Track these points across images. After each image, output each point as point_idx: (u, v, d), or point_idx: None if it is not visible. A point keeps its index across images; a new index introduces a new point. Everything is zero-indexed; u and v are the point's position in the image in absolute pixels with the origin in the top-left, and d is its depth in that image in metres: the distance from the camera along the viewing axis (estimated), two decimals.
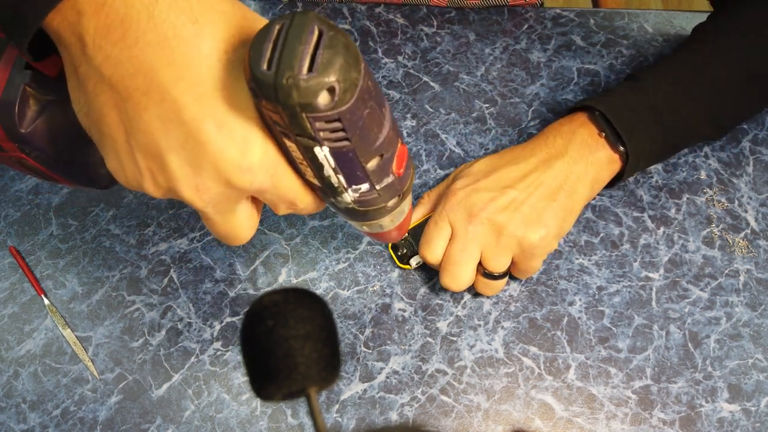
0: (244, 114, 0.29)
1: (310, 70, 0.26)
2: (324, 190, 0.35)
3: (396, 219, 0.40)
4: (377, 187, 0.35)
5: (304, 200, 0.35)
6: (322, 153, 0.30)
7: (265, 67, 0.26)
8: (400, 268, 0.57)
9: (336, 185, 0.34)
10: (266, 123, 0.30)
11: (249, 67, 0.27)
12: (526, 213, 0.50)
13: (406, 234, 0.53)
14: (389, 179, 0.35)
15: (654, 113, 0.53)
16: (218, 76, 0.29)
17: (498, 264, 0.51)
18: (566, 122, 0.54)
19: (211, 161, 0.29)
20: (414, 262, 0.56)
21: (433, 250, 0.51)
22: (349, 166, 0.32)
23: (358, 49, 0.30)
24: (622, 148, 0.53)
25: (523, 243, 0.50)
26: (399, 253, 0.56)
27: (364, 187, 0.35)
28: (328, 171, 0.32)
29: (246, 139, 0.30)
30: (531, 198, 0.50)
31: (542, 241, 0.50)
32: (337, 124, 0.29)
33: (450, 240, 0.51)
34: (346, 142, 0.30)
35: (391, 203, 0.37)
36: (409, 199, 0.41)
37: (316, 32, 0.27)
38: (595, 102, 0.54)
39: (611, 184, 0.56)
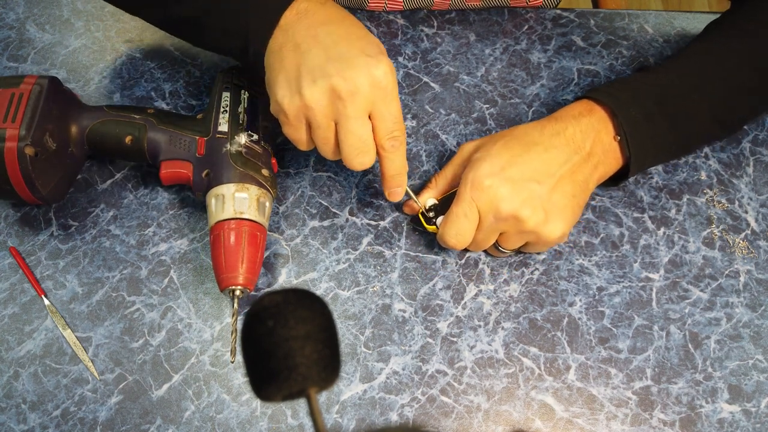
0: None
1: None
2: (229, 132, 0.54)
3: (260, 210, 0.53)
4: (262, 144, 0.56)
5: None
6: (245, 96, 0.57)
7: None
8: (427, 230, 0.56)
9: (240, 122, 0.55)
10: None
11: None
12: (549, 209, 0.51)
13: (436, 200, 0.57)
14: (269, 151, 0.56)
15: (663, 119, 0.54)
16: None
17: (513, 245, 0.54)
18: (585, 114, 0.54)
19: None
20: (440, 222, 0.55)
21: (464, 240, 0.52)
22: (252, 113, 0.57)
23: None
24: (628, 153, 0.53)
25: (541, 236, 0.51)
26: (429, 215, 0.56)
27: (255, 136, 0.55)
28: (241, 109, 0.56)
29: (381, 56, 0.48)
30: (555, 194, 0.51)
31: (561, 237, 0.52)
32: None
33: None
34: (256, 96, 0.58)
35: (264, 173, 0.54)
36: (267, 214, 0.54)
37: None
38: (611, 101, 0.53)
39: (611, 183, 0.57)
